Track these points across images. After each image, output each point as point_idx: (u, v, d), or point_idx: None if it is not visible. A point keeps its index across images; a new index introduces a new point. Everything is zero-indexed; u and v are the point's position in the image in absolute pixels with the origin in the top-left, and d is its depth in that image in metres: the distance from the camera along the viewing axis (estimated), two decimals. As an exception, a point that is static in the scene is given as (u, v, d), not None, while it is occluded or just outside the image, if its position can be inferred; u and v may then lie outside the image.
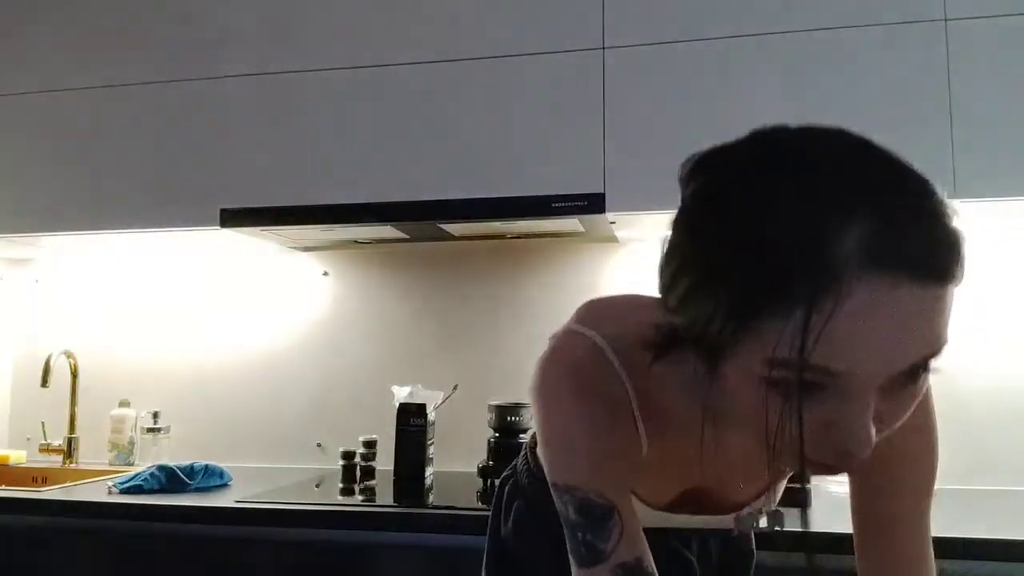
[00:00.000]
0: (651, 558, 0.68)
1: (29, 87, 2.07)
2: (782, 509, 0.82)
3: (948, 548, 1.20)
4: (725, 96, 1.68)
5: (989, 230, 1.84)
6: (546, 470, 0.71)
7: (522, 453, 0.96)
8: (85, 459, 2.25)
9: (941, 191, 0.51)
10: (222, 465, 1.88)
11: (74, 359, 2.27)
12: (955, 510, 1.50)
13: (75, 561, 1.62)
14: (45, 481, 2.13)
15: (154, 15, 2.02)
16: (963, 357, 0.71)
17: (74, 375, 2.27)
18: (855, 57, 1.64)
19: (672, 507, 0.81)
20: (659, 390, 0.71)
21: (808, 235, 0.49)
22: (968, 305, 1.81)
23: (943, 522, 0.70)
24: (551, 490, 0.71)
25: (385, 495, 1.77)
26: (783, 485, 0.86)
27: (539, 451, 0.72)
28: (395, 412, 1.94)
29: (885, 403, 0.52)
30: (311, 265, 2.25)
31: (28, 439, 2.32)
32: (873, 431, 0.52)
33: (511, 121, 1.79)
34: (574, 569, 0.68)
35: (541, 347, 0.75)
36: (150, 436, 2.17)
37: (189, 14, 2.00)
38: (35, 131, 2.06)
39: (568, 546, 0.69)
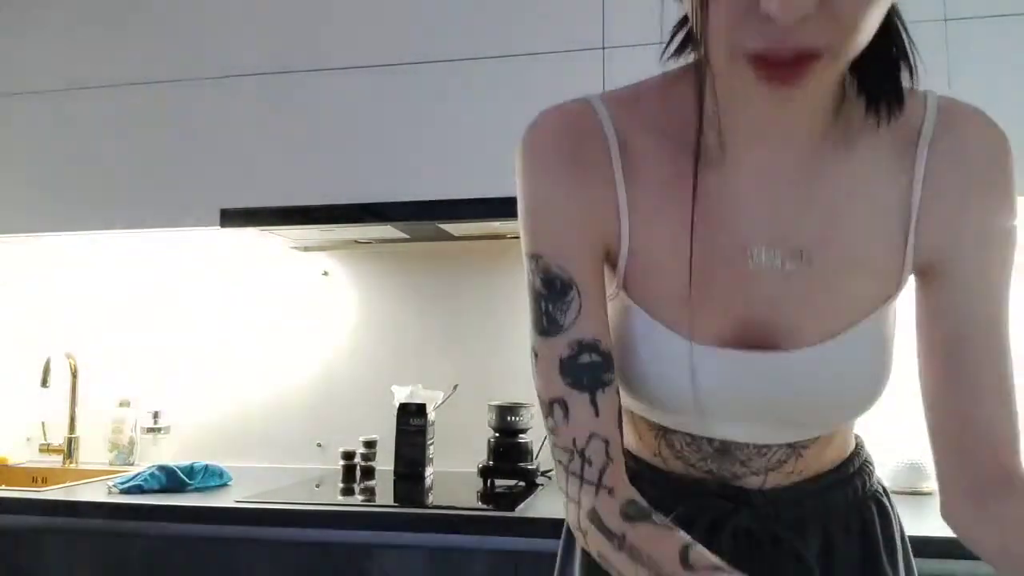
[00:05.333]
0: (611, 343, 0.67)
1: (29, 87, 2.07)
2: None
3: (952, 548, 1.20)
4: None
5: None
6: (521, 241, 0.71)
7: None
8: (85, 459, 2.25)
9: None
10: (222, 465, 1.88)
11: (74, 359, 2.27)
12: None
13: (75, 561, 1.62)
14: (45, 481, 2.13)
15: (155, 14, 2.02)
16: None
17: (74, 375, 2.27)
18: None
19: (733, 343, 0.68)
20: (650, 130, 0.71)
21: None
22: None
23: (942, 522, 0.70)
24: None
25: (385, 495, 1.77)
26: None
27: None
28: (395, 412, 1.94)
29: None
30: (311, 265, 2.25)
31: (28, 439, 2.32)
32: None
33: (511, 121, 1.78)
34: (532, 336, 0.69)
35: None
36: (150, 436, 2.17)
37: (190, 13, 2.00)
38: (36, 131, 2.06)
39: (530, 316, 0.69)
